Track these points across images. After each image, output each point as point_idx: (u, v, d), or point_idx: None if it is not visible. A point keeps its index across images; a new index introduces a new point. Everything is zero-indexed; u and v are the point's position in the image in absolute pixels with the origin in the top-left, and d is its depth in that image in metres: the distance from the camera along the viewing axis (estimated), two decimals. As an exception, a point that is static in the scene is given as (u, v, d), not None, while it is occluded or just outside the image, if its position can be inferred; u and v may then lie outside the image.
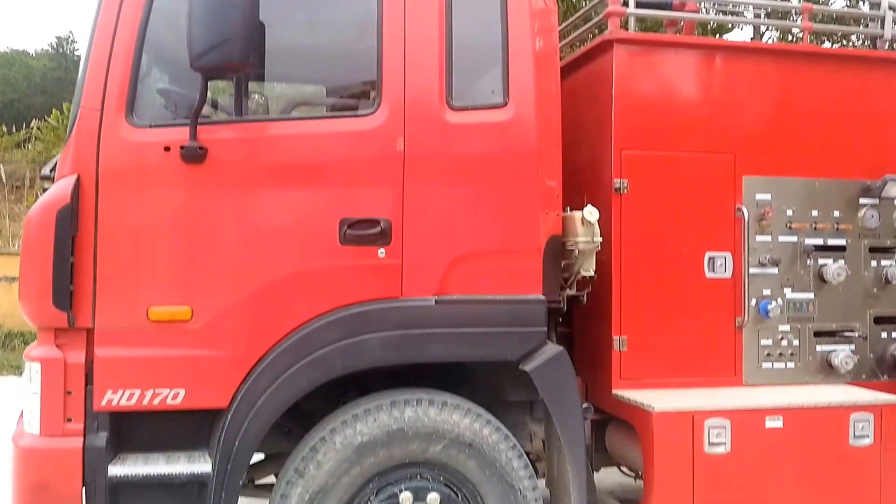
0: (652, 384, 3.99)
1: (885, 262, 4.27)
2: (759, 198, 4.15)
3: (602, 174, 4.09)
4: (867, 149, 4.30)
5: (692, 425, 3.67)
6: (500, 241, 3.59)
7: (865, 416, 3.85)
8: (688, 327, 4.07)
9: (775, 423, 3.76)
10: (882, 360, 4.27)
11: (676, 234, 4.07)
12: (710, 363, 4.10)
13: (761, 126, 4.21)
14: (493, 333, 3.52)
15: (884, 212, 4.26)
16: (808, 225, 4.20)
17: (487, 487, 3.45)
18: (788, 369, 4.17)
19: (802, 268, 4.19)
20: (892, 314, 4.28)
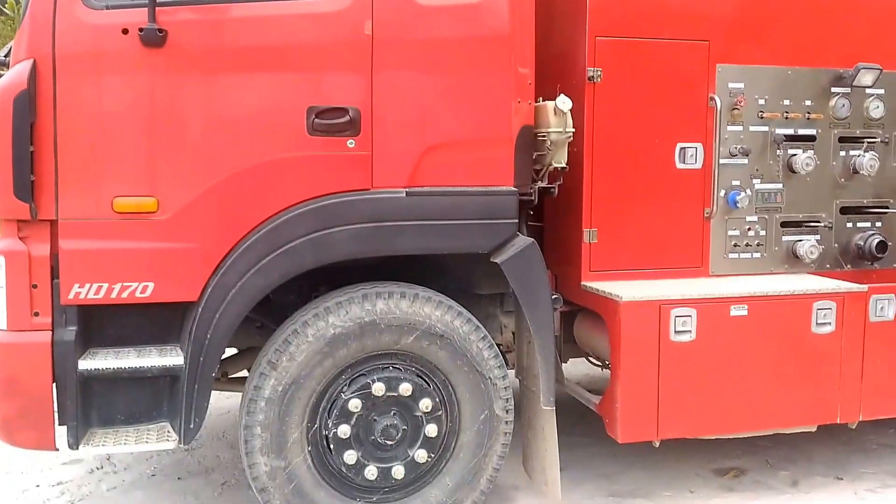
0: (621, 275, 3.99)
1: (853, 152, 4.24)
2: (731, 87, 4.04)
3: (576, 62, 3.94)
4: (841, 37, 4.18)
5: (659, 314, 3.69)
6: (471, 130, 3.48)
7: (828, 304, 3.91)
8: (657, 219, 4.04)
9: (740, 311, 3.79)
10: (846, 249, 4.31)
11: (649, 125, 3.98)
12: (678, 254, 4.10)
13: (737, 12, 4.05)
14: (465, 225, 3.46)
15: (855, 101, 4.20)
16: (779, 114, 4.13)
17: (458, 377, 3.47)
18: (754, 259, 4.19)
19: (772, 158, 4.15)
20: (857, 204, 4.29)
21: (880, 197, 4.32)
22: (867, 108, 4.22)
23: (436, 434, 3.48)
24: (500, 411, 3.56)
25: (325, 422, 3.38)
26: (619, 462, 4.45)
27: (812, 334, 3.89)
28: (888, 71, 4.17)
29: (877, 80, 4.16)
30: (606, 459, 4.46)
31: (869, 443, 4.81)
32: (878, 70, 4.12)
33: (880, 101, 4.22)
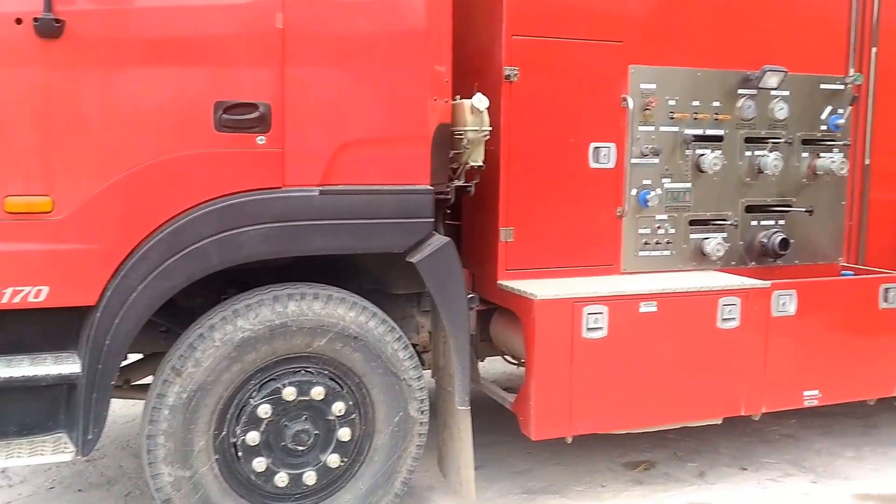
0: (537, 274, 3.97)
1: (758, 152, 4.33)
2: (643, 87, 4.06)
3: (492, 61, 3.88)
4: (748, 40, 4.26)
5: (572, 312, 3.69)
6: (387, 128, 3.38)
7: (733, 300, 3.98)
8: (572, 218, 4.03)
9: (649, 307, 3.83)
10: (751, 247, 4.41)
11: (564, 124, 3.96)
12: (591, 252, 4.10)
13: (649, 14, 4.08)
14: (380, 225, 3.35)
15: (761, 102, 4.28)
16: (688, 115, 4.17)
17: (373, 379, 3.38)
18: (664, 257, 4.24)
19: (682, 158, 4.20)
20: (762, 203, 4.39)
21: (783, 196, 4.43)
22: (772, 110, 4.31)
23: (349, 438, 3.38)
24: (415, 413, 3.48)
25: (233, 429, 3.24)
26: (533, 459, 4.45)
27: (717, 329, 3.96)
28: (793, 73, 4.27)
29: (782, 83, 4.25)
30: (521, 456, 4.46)
31: (772, 433, 4.96)
32: (783, 72, 4.21)
33: (785, 102, 4.32)
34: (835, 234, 4.56)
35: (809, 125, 4.42)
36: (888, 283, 4.28)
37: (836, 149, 4.45)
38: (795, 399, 4.19)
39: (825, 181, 4.47)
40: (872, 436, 4.97)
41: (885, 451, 4.72)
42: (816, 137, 4.44)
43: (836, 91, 4.44)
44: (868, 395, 4.37)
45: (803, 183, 4.45)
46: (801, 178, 4.44)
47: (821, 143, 4.44)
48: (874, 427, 5.10)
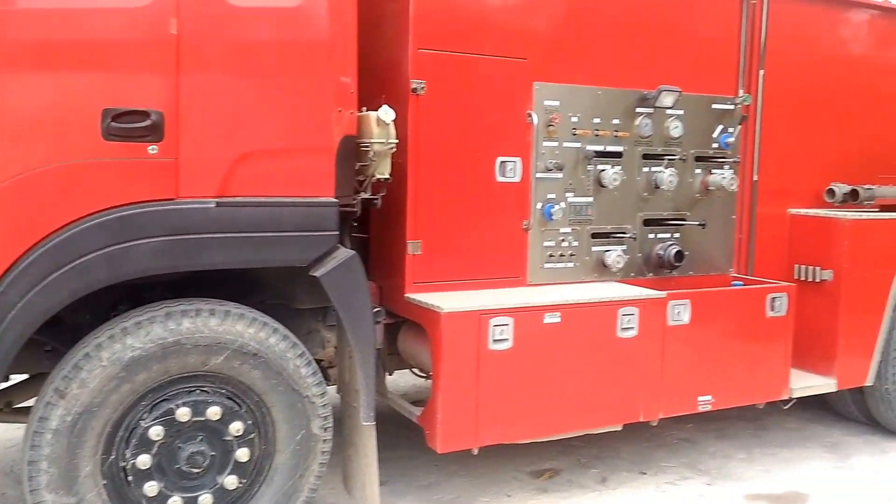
0: (444, 286, 3.88)
1: (655, 168, 4.38)
2: (547, 104, 4.06)
3: (400, 74, 3.78)
4: (646, 60, 4.32)
5: (478, 324, 3.62)
6: (289, 138, 3.22)
7: (631, 310, 4.00)
8: (479, 231, 3.98)
9: (553, 318, 3.80)
10: (648, 258, 4.46)
11: (471, 138, 3.91)
12: (498, 265, 4.06)
13: (553, 33, 4.08)
14: (281, 238, 3.19)
15: (657, 121, 4.35)
16: (590, 132, 4.19)
17: (274, 397, 3.20)
18: (568, 269, 4.23)
19: (584, 173, 4.21)
20: (658, 216, 4.45)
21: (678, 210, 4.51)
22: (667, 128, 4.38)
23: (248, 458, 3.19)
24: (317, 430, 3.32)
25: (123, 452, 3.00)
26: (440, 471, 4.35)
27: (617, 339, 3.98)
28: (687, 93, 4.35)
29: (676, 102, 4.32)
30: (428, 470, 4.36)
31: (670, 438, 5.03)
32: (677, 92, 4.29)
33: (679, 121, 4.40)
34: (726, 246, 4.67)
35: (702, 143, 4.51)
36: (774, 292, 4.41)
37: (726, 166, 4.57)
38: (690, 404, 4.25)
39: (717, 196, 4.57)
40: (762, 437, 5.11)
41: (773, 453, 4.86)
42: (709, 155, 4.54)
43: (727, 111, 4.56)
44: (757, 399, 4.48)
45: (697, 198, 4.54)
46: (694, 194, 4.53)
47: (713, 161, 4.55)
48: (764, 429, 5.25)
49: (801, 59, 4.81)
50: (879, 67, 5.12)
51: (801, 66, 4.81)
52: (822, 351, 4.71)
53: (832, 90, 4.94)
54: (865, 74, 5.06)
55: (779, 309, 4.42)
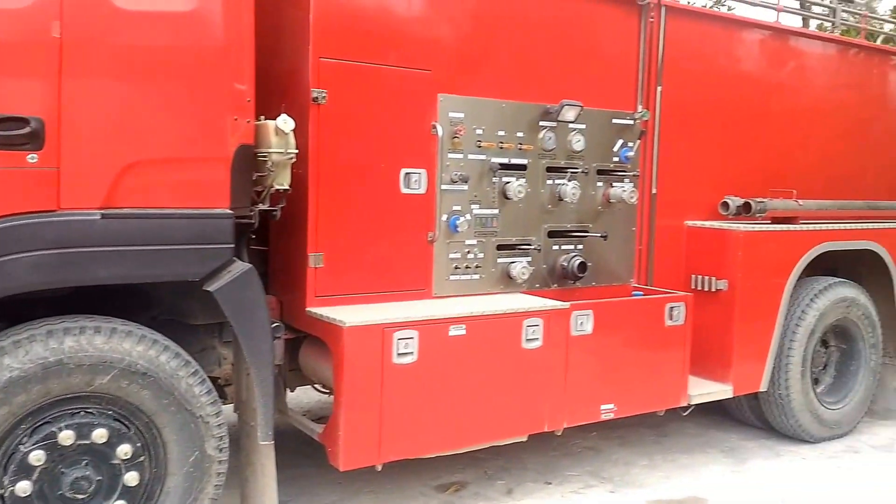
0: (348, 300, 3.87)
1: (559, 181, 4.50)
2: (452, 116, 4.11)
3: (300, 82, 3.75)
4: (549, 75, 4.45)
5: (382, 338, 3.62)
6: (181, 148, 3.15)
7: (536, 321, 4.09)
8: (384, 243, 3.98)
9: (458, 331, 3.84)
10: (553, 270, 4.57)
11: (375, 149, 3.91)
12: (403, 277, 4.07)
13: (457, 46, 4.14)
14: (172, 251, 3.10)
15: (560, 134, 4.47)
16: (495, 144, 4.27)
17: (164, 418, 3.11)
18: (474, 280, 4.29)
19: (489, 185, 4.28)
20: (562, 228, 4.57)
21: (582, 222, 4.64)
22: (570, 142, 4.51)
23: (137, 482, 3.08)
24: (212, 451, 3.24)
25: (0, 479, 2.83)
26: (344, 489, 4.32)
27: (522, 350, 4.05)
28: (589, 108, 4.50)
29: (578, 116, 4.45)
30: (331, 488, 4.31)
31: (575, 446, 5.16)
32: (579, 107, 4.42)
33: (581, 135, 4.54)
34: (627, 257, 4.84)
35: (603, 157, 4.67)
36: (672, 302, 4.60)
37: (626, 179, 4.74)
38: (593, 413, 4.37)
39: (618, 208, 4.74)
40: (663, 444, 5.30)
41: (674, 458, 5.05)
42: (610, 168, 4.70)
43: (627, 126, 4.74)
44: (657, 406, 4.65)
45: (599, 210, 4.69)
46: (596, 206, 4.68)
47: (613, 174, 4.71)
48: (665, 436, 5.45)
49: (697, 76, 5.05)
50: (771, 84, 5.44)
51: (697, 82, 5.06)
52: (718, 358, 4.95)
53: (727, 106, 5.21)
54: (758, 91, 5.36)
55: (677, 318, 4.61)
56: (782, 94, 5.51)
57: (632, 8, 4.70)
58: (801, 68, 5.66)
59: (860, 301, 5.52)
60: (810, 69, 5.72)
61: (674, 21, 4.86)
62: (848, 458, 5.21)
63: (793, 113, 5.56)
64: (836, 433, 5.54)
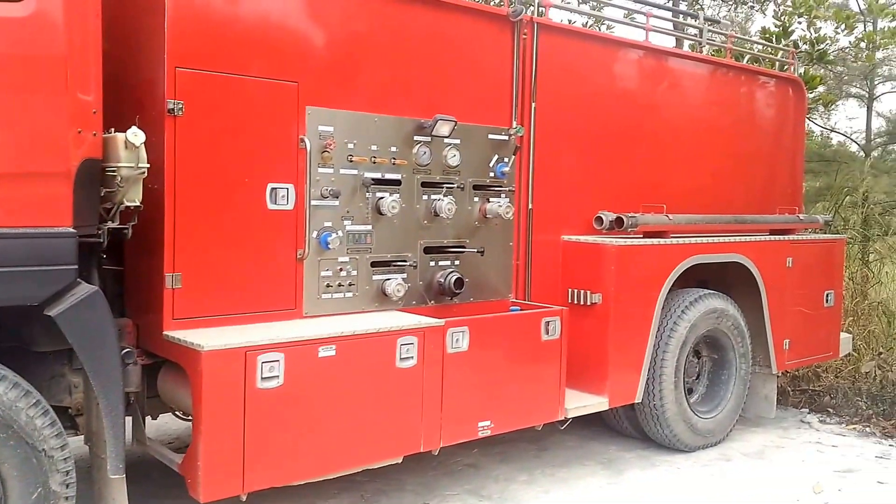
0: (210, 322, 3.78)
1: (434, 196, 4.56)
2: (321, 129, 4.10)
3: (155, 93, 3.66)
4: (423, 89, 4.51)
5: (244, 362, 3.54)
6: (15, 162, 3.01)
7: (410, 339, 4.11)
8: (249, 261, 3.92)
9: (328, 352, 3.81)
10: (429, 286, 4.61)
11: (238, 163, 3.85)
12: (271, 297, 4.01)
13: (325, 57, 4.14)
14: (7, 274, 2.95)
15: (435, 149, 4.53)
16: (367, 159, 4.28)
17: (3, 452, 2.95)
18: (347, 299, 4.27)
19: (362, 200, 4.28)
20: (439, 244, 4.62)
21: (458, 237, 4.72)
22: (445, 157, 4.58)
23: (-33, 525, 2.89)
24: (57, 487, 3.09)
25: None
26: (208, 521, 4.17)
27: (396, 369, 4.06)
28: (464, 123, 4.59)
29: (452, 131, 4.53)
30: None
31: (456, 464, 5.21)
32: (453, 122, 4.50)
33: (457, 150, 4.62)
34: (504, 272, 4.95)
35: (479, 172, 4.77)
36: (548, 317, 4.73)
37: (503, 194, 4.85)
38: (470, 431, 4.43)
39: (494, 224, 4.84)
40: (543, 458, 5.44)
41: (553, 472, 5.19)
42: (486, 183, 4.81)
43: (502, 141, 4.86)
44: (534, 421, 4.76)
45: (475, 225, 4.78)
46: (473, 221, 4.77)
47: (490, 189, 4.82)
48: (545, 450, 5.59)
49: (572, 93, 5.25)
50: (644, 102, 5.71)
51: (572, 99, 5.25)
52: (594, 371, 5.13)
53: (602, 123, 5.44)
54: (632, 108, 5.62)
55: (552, 332, 4.74)
56: (655, 112, 5.80)
57: (505, 24, 4.84)
58: (673, 86, 5.98)
59: (729, 312, 5.86)
60: (681, 87, 6.05)
61: (547, 38, 5.03)
62: (720, 466, 5.50)
63: (665, 130, 5.86)
64: (710, 441, 5.83)
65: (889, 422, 6.61)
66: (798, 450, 5.91)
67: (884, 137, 11.06)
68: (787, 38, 8.53)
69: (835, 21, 9.27)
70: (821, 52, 8.68)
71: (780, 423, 6.56)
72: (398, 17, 4.40)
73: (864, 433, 6.40)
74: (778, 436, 6.25)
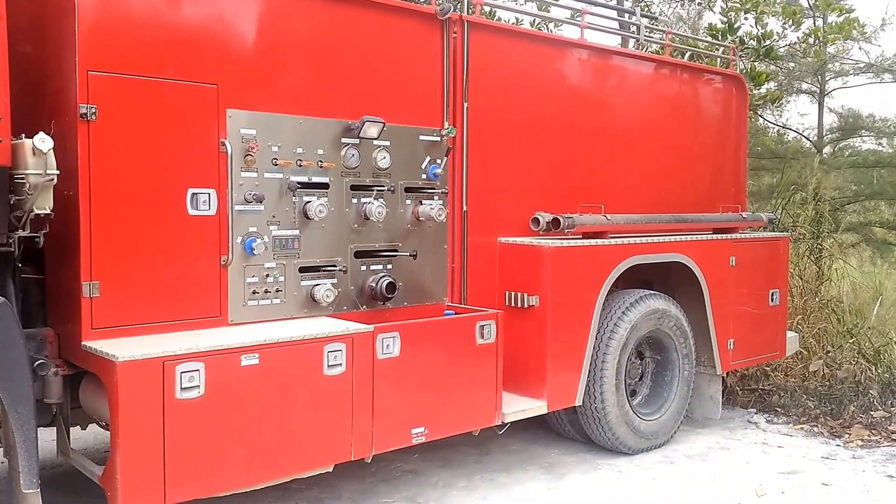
0: (130, 331, 3.86)
1: (364, 199, 4.67)
2: (244, 132, 4.19)
3: (67, 97, 3.72)
4: (350, 90, 4.62)
5: (162, 372, 3.61)
6: (-83, 171, 3.03)
7: (338, 346, 4.21)
8: (170, 268, 3.99)
9: (251, 360, 3.89)
10: (361, 291, 4.72)
11: (156, 168, 3.93)
12: (194, 304, 4.09)
13: (245, 59, 4.22)
14: None
15: (363, 151, 4.64)
16: (293, 162, 4.38)
17: None
18: (274, 305, 4.37)
19: (288, 205, 4.38)
20: (370, 248, 4.74)
21: (391, 241, 4.84)
22: (375, 159, 4.70)
23: None
24: (-34, 504, 3.12)
25: None
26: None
27: (324, 377, 4.16)
28: (394, 125, 4.71)
29: (381, 133, 4.64)
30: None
31: (395, 470, 5.33)
32: (381, 123, 4.61)
33: (386, 152, 4.73)
34: (439, 276, 5.08)
35: (411, 174, 4.90)
36: (483, 320, 4.87)
37: (436, 196, 4.98)
38: (404, 438, 4.54)
39: (428, 227, 4.98)
40: (485, 463, 5.58)
41: (493, 478, 5.32)
42: (418, 186, 4.93)
43: (434, 142, 4.99)
44: (470, 426, 4.89)
45: (408, 228, 4.90)
46: (405, 224, 4.89)
47: (422, 191, 4.95)
48: (487, 454, 5.73)
49: (505, 92, 5.38)
50: (582, 100, 5.88)
51: (505, 99, 5.39)
52: (532, 374, 5.28)
53: (536, 122, 5.59)
54: (569, 107, 5.79)
55: (488, 336, 4.88)
56: (593, 111, 5.97)
57: (433, 22, 4.96)
58: (611, 85, 6.16)
59: (671, 312, 6.05)
60: (619, 85, 6.24)
61: (478, 36, 5.17)
62: (663, 468, 5.66)
63: (603, 129, 6.04)
64: (654, 444, 6.02)
65: (836, 421, 6.81)
66: (743, 451, 6.09)
67: (835, 133, 11.41)
68: (733, 34, 8.80)
69: (782, 17, 9.59)
70: (767, 49, 8.97)
71: (726, 424, 6.76)
72: (321, 16, 4.50)
73: (812, 433, 6.59)
74: (724, 437, 6.44)
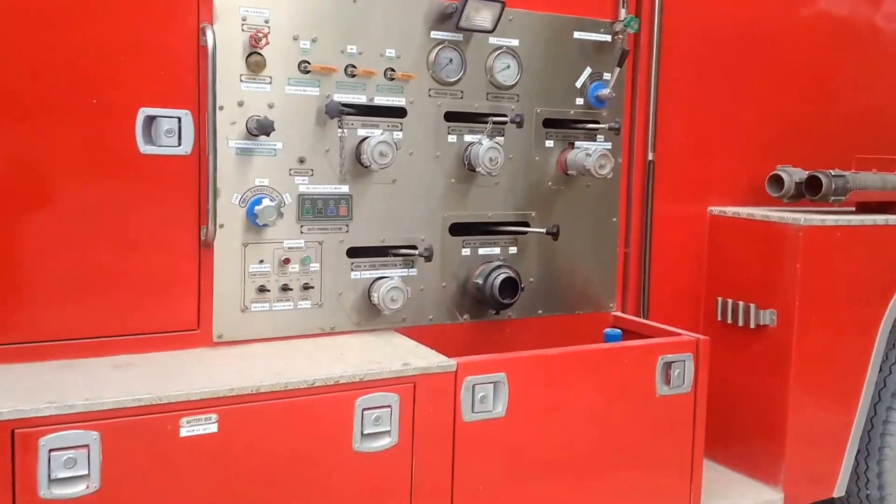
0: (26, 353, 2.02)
1: (469, 137, 2.53)
2: (245, 12, 2.21)
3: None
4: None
5: (11, 453, 1.71)
6: None
7: (382, 398, 2.11)
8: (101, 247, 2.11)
9: (198, 427, 1.88)
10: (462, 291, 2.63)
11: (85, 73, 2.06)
12: (148, 310, 2.19)
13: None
14: None
15: (471, 55, 2.50)
16: (338, 68, 2.34)
17: None
18: (298, 312, 2.38)
19: (329, 143, 2.36)
20: (476, 219, 2.62)
21: (514, 209, 2.69)
22: (490, 69, 2.57)
23: None
24: None
25: None
26: None
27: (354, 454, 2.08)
28: (520, 10, 2.60)
29: (499, 21, 2.47)
30: None
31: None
32: (500, 4, 2.48)
33: (511, 57, 2.61)
34: (601, 268, 2.76)
35: (554, 97, 2.64)
36: (672, 352, 2.50)
37: (599, 136, 2.69)
38: None
39: (583, 186, 2.70)
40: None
41: None
42: (568, 117, 2.67)
43: (599, 43, 2.68)
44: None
45: (548, 188, 2.69)
46: (543, 181, 2.65)
47: (576, 127, 2.67)
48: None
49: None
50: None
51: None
52: (759, 443, 2.86)
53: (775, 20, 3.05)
54: None
55: (679, 381, 2.51)
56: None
57: None
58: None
59: None
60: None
61: None
62: None
63: None
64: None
65: None
66: None
67: None
68: None
69: None
70: None
71: None
72: None
73: None
74: None
